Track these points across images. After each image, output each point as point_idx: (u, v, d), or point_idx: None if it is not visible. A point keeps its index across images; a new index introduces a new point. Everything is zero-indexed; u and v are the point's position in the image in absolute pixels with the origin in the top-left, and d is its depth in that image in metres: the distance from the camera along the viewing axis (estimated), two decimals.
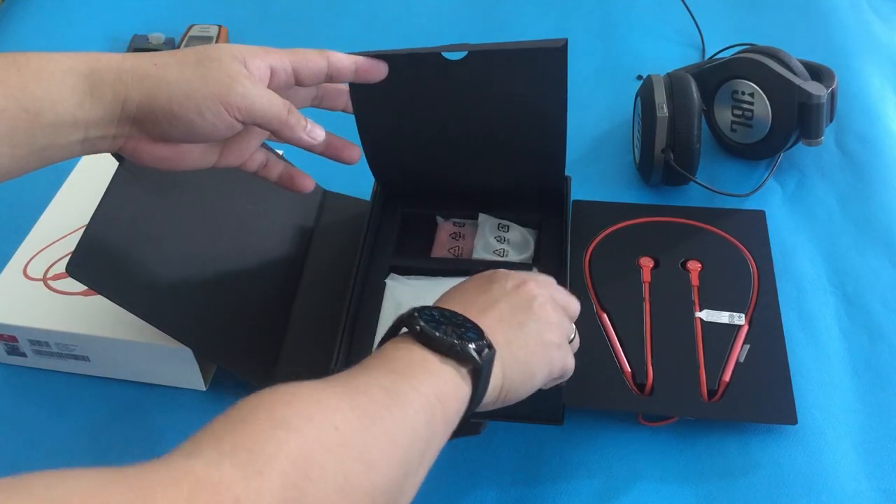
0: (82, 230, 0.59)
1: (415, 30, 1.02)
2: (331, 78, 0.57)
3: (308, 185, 0.63)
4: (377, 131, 0.67)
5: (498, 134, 0.68)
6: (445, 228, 0.76)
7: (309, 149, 0.58)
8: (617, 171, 0.84)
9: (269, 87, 0.54)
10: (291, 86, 0.57)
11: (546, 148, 0.69)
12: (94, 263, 0.59)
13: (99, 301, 0.60)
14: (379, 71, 0.59)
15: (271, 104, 0.53)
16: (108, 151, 0.55)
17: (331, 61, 0.56)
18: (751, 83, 0.79)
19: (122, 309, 0.60)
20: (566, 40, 0.60)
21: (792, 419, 0.63)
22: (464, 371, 0.47)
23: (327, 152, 0.61)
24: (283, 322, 0.70)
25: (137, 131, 0.53)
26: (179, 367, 0.67)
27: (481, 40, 1.00)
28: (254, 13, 1.05)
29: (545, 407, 0.65)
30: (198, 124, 0.52)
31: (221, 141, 0.57)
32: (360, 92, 0.62)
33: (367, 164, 0.77)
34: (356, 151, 0.62)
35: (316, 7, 1.06)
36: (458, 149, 0.69)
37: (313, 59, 0.56)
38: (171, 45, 0.97)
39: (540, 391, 0.64)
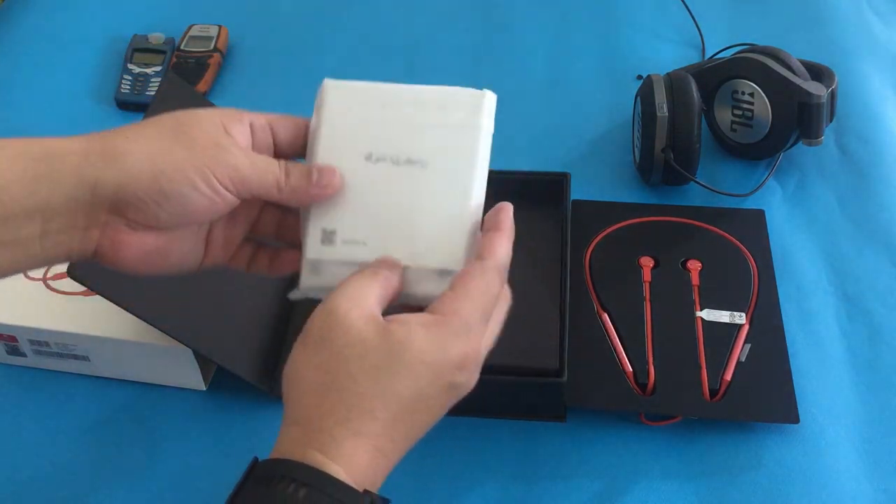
0: None
1: (415, 29, 1.02)
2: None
3: (287, 265, 0.53)
4: None
5: None
6: None
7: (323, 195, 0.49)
8: (617, 171, 0.84)
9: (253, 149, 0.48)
10: (271, 148, 0.49)
11: None
12: (94, 264, 0.59)
13: (99, 301, 0.60)
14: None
15: (266, 169, 0.47)
16: (79, 254, 0.46)
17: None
18: (751, 83, 0.79)
19: (122, 309, 0.60)
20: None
21: (794, 418, 0.63)
22: None
23: None
24: (284, 322, 0.70)
25: (116, 219, 0.45)
26: (179, 367, 0.67)
27: (481, 40, 1.01)
28: (254, 13, 1.05)
29: (548, 405, 0.65)
30: (193, 199, 0.45)
31: (205, 235, 0.50)
32: None
33: None
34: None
35: (316, 7, 1.06)
36: None
37: (293, 119, 0.50)
38: (171, 45, 0.97)
39: (540, 393, 0.64)
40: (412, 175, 0.49)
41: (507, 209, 0.49)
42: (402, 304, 0.48)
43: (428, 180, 0.49)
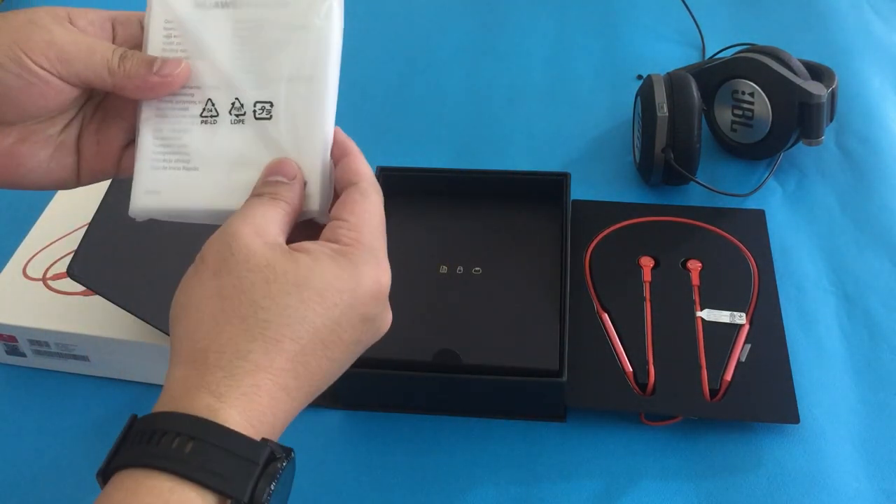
0: (82, 230, 0.59)
1: (415, 29, 1.02)
2: None
3: None
4: None
5: None
6: None
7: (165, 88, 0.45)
8: (617, 171, 0.84)
9: (115, 43, 0.45)
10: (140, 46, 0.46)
11: None
12: (94, 264, 0.59)
13: (99, 301, 0.60)
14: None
15: (91, 48, 0.42)
16: None
17: None
18: (751, 83, 0.79)
19: (122, 309, 0.60)
20: None
21: (794, 418, 0.63)
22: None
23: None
24: None
25: None
26: None
27: (481, 40, 1.01)
28: None
29: (548, 405, 0.65)
30: (6, 83, 0.41)
31: (73, 139, 0.46)
32: None
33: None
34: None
35: None
36: None
37: (137, 15, 0.46)
38: None
39: (540, 393, 0.64)
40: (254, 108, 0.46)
41: (339, 133, 0.46)
42: None
43: (274, 121, 0.45)
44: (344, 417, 0.67)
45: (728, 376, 0.65)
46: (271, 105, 0.45)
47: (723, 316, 0.69)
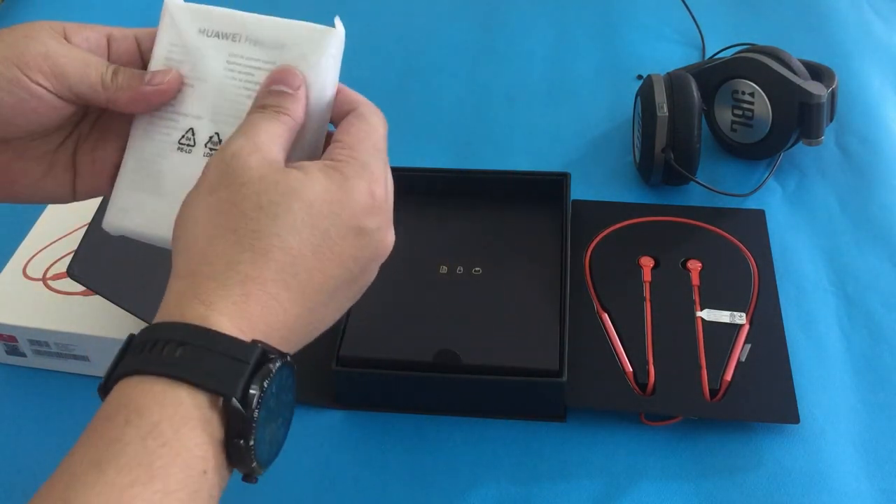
0: (82, 230, 0.59)
1: (414, 29, 1.02)
2: None
3: None
4: None
5: None
6: None
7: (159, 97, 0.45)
8: (617, 171, 0.84)
9: (110, 59, 0.45)
10: (136, 61, 0.47)
11: None
12: (93, 264, 0.59)
13: (99, 301, 0.60)
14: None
15: (86, 63, 0.43)
16: None
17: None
18: (751, 83, 0.79)
19: (122, 309, 0.60)
20: None
21: (794, 418, 0.63)
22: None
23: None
24: None
25: None
26: None
27: (481, 40, 1.01)
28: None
29: (548, 405, 0.65)
30: None
31: (69, 156, 0.46)
32: None
33: None
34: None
35: (315, 7, 1.06)
36: None
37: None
38: None
39: (540, 393, 0.64)
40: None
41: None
42: None
43: None
44: (344, 417, 0.67)
45: (728, 376, 0.65)
46: None
47: (723, 316, 0.69)
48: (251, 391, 0.35)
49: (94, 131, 0.47)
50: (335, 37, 0.46)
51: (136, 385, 0.36)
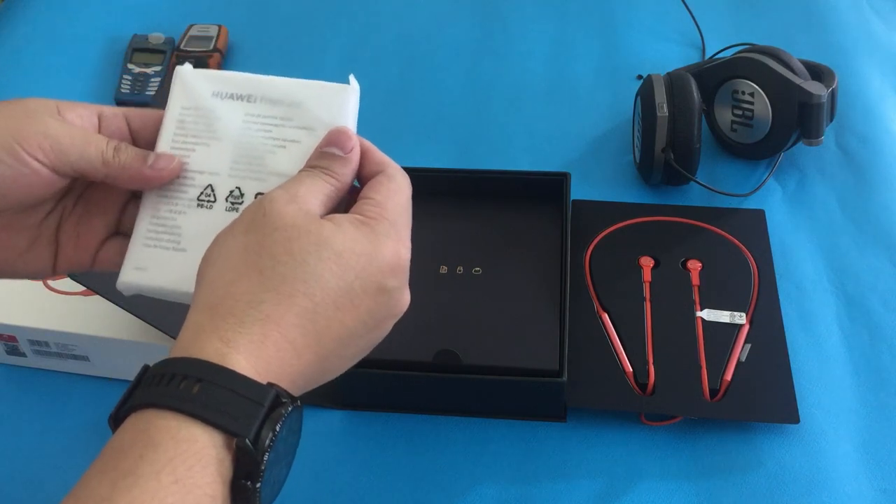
0: None
1: (414, 29, 1.02)
2: None
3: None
4: None
5: None
6: None
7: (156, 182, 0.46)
8: (617, 171, 0.84)
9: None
10: (126, 139, 0.47)
11: None
12: None
13: (99, 301, 0.60)
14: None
15: (87, 140, 0.44)
16: None
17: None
18: (751, 83, 0.79)
19: (122, 309, 0.60)
20: None
21: (794, 418, 0.63)
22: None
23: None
24: None
25: None
26: None
27: (481, 40, 1.01)
28: (254, 13, 1.05)
29: (548, 405, 0.65)
30: None
31: (53, 230, 0.47)
32: None
33: None
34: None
35: (316, 7, 1.06)
36: None
37: (152, 111, 0.48)
38: (170, 44, 0.97)
39: (540, 393, 0.64)
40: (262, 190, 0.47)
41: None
42: None
43: None
44: (344, 417, 0.67)
45: (728, 376, 0.65)
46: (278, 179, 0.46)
47: (723, 316, 0.69)
48: (263, 433, 0.36)
49: (78, 206, 0.48)
50: (352, 93, 0.48)
51: (152, 419, 0.36)
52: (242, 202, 0.46)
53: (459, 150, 0.88)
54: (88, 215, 0.48)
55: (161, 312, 0.62)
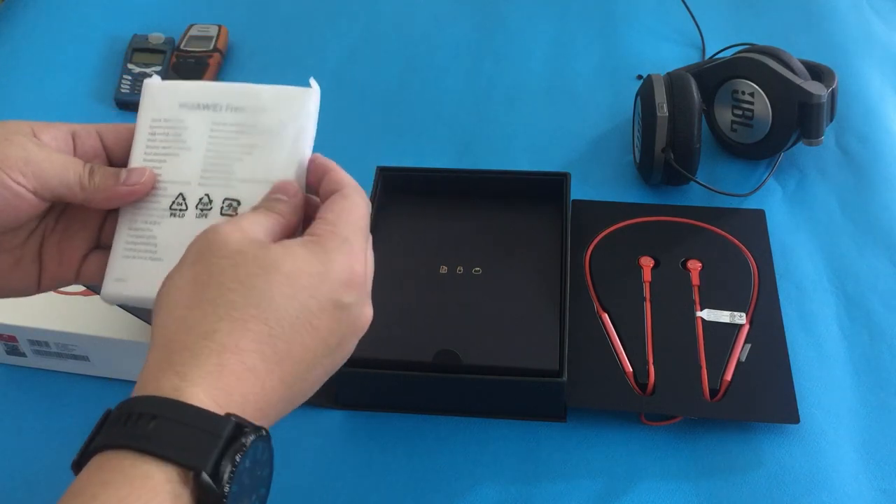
0: None
1: (414, 29, 1.02)
2: None
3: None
4: None
5: None
6: None
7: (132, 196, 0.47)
8: (617, 171, 0.84)
9: (76, 155, 0.47)
10: (101, 155, 0.49)
11: None
12: None
13: (99, 301, 0.60)
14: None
15: (65, 165, 0.45)
16: None
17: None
18: (751, 83, 0.79)
19: (121, 309, 0.60)
20: None
21: (794, 418, 0.63)
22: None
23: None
24: None
25: None
26: None
27: (481, 40, 1.01)
28: (254, 13, 1.05)
29: (548, 405, 0.65)
30: None
31: (36, 249, 0.48)
32: None
33: (367, 165, 0.77)
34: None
35: (316, 7, 1.06)
36: None
37: (124, 126, 0.49)
38: (170, 44, 0.97)
39: (540, 393, 0.64)
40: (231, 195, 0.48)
41: (318, 157, 0.48)
42: None
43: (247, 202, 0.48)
44: (344, 417, 0.67)
45: (728, 376, 0.65)
46: (238, 203, 0.48)
47: (723, 316, 0.69)
48: (223, 465, 0.35)
49: (60, 223, 0.49)
50: (312, 95, 0.49)
51: (107, 460, 0.35)
52: (211, 208, 0.48)
53: (459, 150, 0.88)
54: (70, 232, 0.49)
55: None
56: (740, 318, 0.69)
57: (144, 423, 0.35)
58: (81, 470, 0.36)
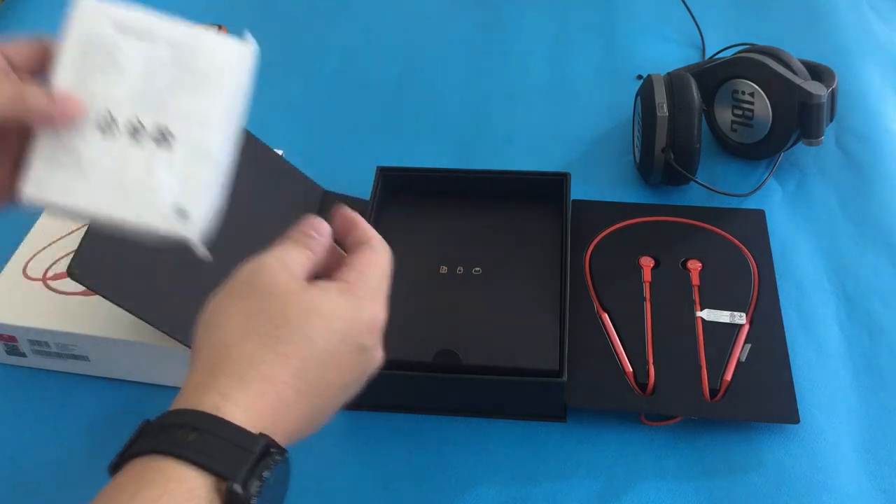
0: (82, 230, 0.59)
1: (414, 29, 1.02)
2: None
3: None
4: None
5: None
6: None
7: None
8: (617, 171, 0.84)
9: None
10: (8, 73, 0.48)
11: None
12: (94, 264, 0.59)
13: (99, 301, 0.60)
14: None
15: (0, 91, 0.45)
16: None
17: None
18: (751, 83, 0.79)
19: (122, 309, 0.60)
20: None
21: (794, 418, 0.63)
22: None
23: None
24: None
25: None
26: (179, 367, 0.67)
27: (481, 40, 1.01)
28: (254, 13, 1.05)
29: (548, 405, 0.65)
30: None
31: None
32: None
33: (367, 165, 0.77)
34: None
35: (316, 7, 1.06)
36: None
37: (26, 46, 0.49)
38: None
39: (540, 393, 0.64)
40: (151, 143, 0.48)
41: (346, 210, 0.50)
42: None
43: (169, 155, 0.48)
44: (344, 417, 0.67)
45: (728, 376, 0.65)
46: (173, 137, 0.48)
47: (723, 316, 0.69)
48: (251, 479, 0.38)
49: None
50: (248, 48, 0.50)
51: (148, 462, 0.38)
52: (144, 135, 0.47)
53: (459, 150, 0.88)
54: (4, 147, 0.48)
55: (161, 313, 0.62)
56: (740, 318, 0.69)
57: (185, 434, 0.38)
58: (118, 472, 0.39)
